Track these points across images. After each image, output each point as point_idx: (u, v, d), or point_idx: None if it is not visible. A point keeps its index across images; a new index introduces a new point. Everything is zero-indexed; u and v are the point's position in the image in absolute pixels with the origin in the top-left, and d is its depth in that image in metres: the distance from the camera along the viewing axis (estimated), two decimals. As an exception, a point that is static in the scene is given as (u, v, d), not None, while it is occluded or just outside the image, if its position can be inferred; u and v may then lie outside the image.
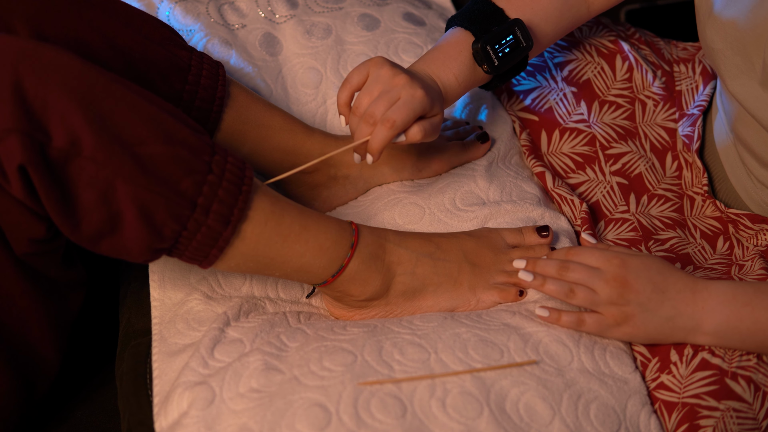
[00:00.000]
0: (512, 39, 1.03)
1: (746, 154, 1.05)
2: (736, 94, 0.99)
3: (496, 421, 0.83)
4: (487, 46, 1.01)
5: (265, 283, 1.01)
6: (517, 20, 1.03)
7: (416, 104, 0.93)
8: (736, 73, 0.98)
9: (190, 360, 0.90)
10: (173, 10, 1.19)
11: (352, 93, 0.97)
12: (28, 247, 0.87)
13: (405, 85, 0.93)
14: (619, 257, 0.91)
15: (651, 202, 1.11)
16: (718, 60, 1.00)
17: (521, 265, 0.95)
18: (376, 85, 0.94)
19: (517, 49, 1.03)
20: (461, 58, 1.02)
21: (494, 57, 1.02)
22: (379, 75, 0.94)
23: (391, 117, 0.92)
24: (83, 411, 1.08)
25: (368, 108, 0.93)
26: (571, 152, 1.14)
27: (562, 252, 0.95)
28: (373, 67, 0.95)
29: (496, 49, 1.02)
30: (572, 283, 0.91)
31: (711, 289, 0.90)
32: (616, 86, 1.18)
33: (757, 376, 0.89)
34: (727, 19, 0.97)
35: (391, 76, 0.94)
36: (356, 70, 0.96)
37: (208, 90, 1.00)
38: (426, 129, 0.95)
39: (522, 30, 1.03)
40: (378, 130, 0.92)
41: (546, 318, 0.90)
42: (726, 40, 0.98)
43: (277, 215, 0.88)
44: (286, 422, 0.82)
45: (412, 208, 1.08)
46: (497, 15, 1.04)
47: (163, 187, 0.80)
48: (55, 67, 0.78)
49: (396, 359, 0.87)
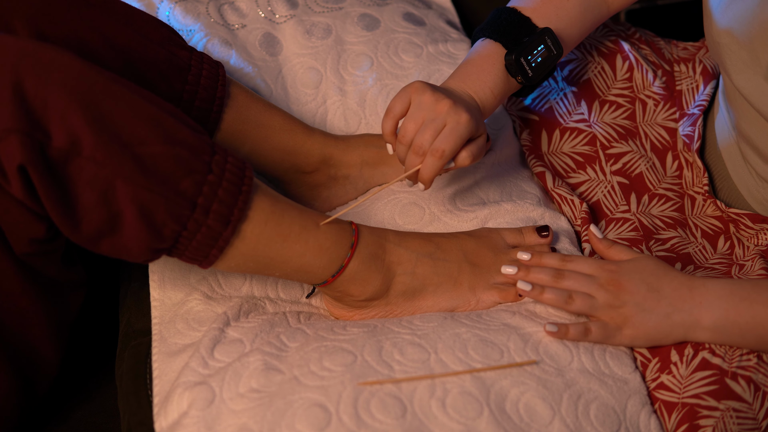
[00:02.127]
0: (543, 48, 1.03)
1: (750, 152, 1.05)
2: (741, 88, 0.99)
3: (496, 421, 0.83)
4: (521, 57, 1.01)
5: (265, 283, 1.01)
6: (547, 29, 1.03)
7: (463, 130, 0.93)
8: (741, 68, 0.98)
9: (190, 360, 0.90)
10: (173, 10, 1.19)
11: (397, 122, 0.97)
12: (28, 247, 0.87)
13: (449, 111, 0.93)
14: (612, 263, 0.93)
15: (652, 201, 1.11)
16: (723, 54, 1.00)
17: (510, 271, 0.95)
18: (420, 113, 0.94)
19: (549, 57, 1.04)
20: (495, 71, 1.02)
21: (528, 68, 1.02)
22: (421, 102, 0.94)
23: (440, 147, 0.92)
24: (83, 411, 1.08)
25: (415, 138, 0.94)
26: (572, 152, 1.14)
27: (554, 260, 0.95)
28: (414, 94, 0.95)
29: (529, 60, 1.02)
30: (569, 290, 0.91)
31: (708, 285, 0.91)
32: (617, 86, 1.18)
33: (757, 376, 0.89)
34: (734, 13, 0.98)
35: (434, 102, 0.93)
36: (398, 99, 0.96)
37: (208, 90, 1.00)
38: (474, 153, 0.96)
39: (552, 38, 1.03)
40: (428, 161, 0.93)
41: (555, 334, 0.90)
42: (733, 34, 0.98)
43: (277, 215, 0.88)
44: (286, 422, 0.82)
45: (412, 208, 1.08)
46: (525, 24, 1.04)
47: (163, 187, 0.80)
48: (55, 67, 0.78)
49: (396, 359, 0.87)
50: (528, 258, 0.96)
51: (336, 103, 1.19)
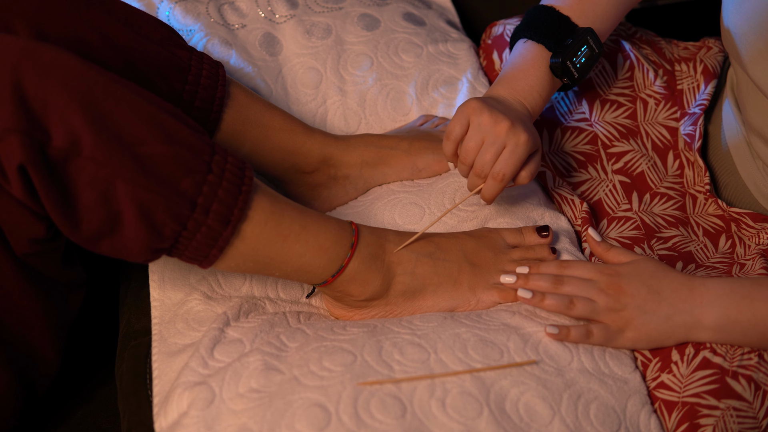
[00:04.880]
0: (587, 49, 1.05)
1: (761, 146, 1.04)
2: (756, 78, 0.99)
3: (495, 421, 0.83)
4: (566, 61, 1.03)
5: (265, 283, 1.01)
6: (589, 29, 1.05)
7: (522, 152, 0.95)
8: (758, 58, 0.99)
9: (189, 360, 0.90)
10: (173, 10, 1.19)
11: (457, 144, 0.99)
12: (28, 247, 0.87)
13: (508, 132, 0.95)
14: (611, 266, 0.93)
15: (653, 200, 1.11)
16: (739, 44, 1.01)
17: (509, 280, 0.95)
18: (479, 135, 0.96)
19: (591, 57, 1.05)
20: (540, 74, 1.03)
21: (573, 69, 1.04)
22: (480, 123, 0.96)
23: (501, 171, 0.96)
24: (83, 411, 1.08)
25: (476, 161, 0.96)
26: (573, 151, 1.14)
27: (553, 266, 0.96)
28: (473, 115, 0.96)
29: (574, 62, 1.04)
30: (569, 295, 0.91)
31: (708, 285, 0.91)
32: (618, 85, 1.18)
33: (758, 375, 0.89)
34: (751, 3, 0.98)
35: (493, 123, 0.95)
36: (456, 121, 0.97)
37: (208, 90, 1.00)
38: (532, 171, 0.98)
39: (594, 38, 1.05)
40: (489, 184, 0.97)
41: (556, 336, 0.90)
42: (750, 23, 0.98)
43: (277, 215, 0.88)
44: (285, 422, 0.82)
45: (412, 208, 1.08)
46: (565, 24, 1.05)
47: (163, 187, 0.80)
48: (55, 67, 0.78)
49: (396, 359, 0.87)
50: (526, 272, 0.96)
51: (336, 103, 1.19)
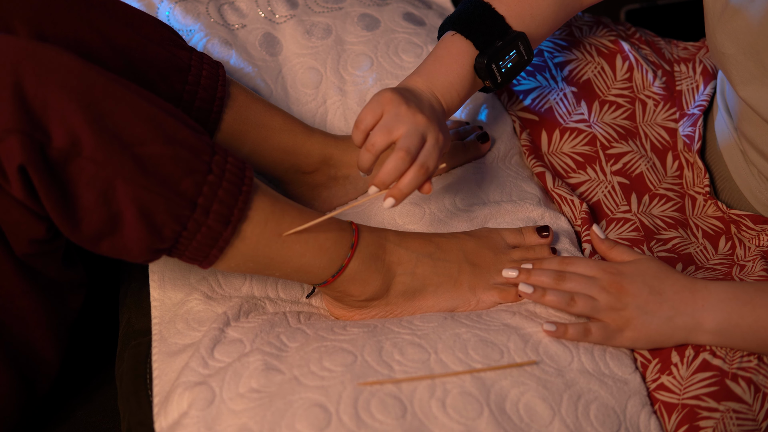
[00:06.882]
0: (515, 54, 1.01)
1: (753, 153, 1.04)
2: (747, 99, 0.98)
3: (496, 422, 0.83)
4: (492, 63, 0.99)
5: (265, 283, 1.01)
6: (521, 34, 1.01)
7: (443, 146, 0.92)
8: (748, 79, 0.97)
9: (190, 360, 0.90)
10: (173, 10, 1.19)
11: (367, 134, 0.93)
12: (28, 247, 0.87)
13: (428, 125, 0.91)
14: (613, 265, 0.93)
15: (652, 201, 1.11)
16: (729, 65, 0.99)
17: (512, 274, 0.95)
18: (398, 125, 0.90)
19: (519, 63, 1.02)
20: (463, 72, 0.99)
21: (497, 74, 1.00)
22: (399, 113, 0.90)
23: (426, 163, 0.90)
24: (83, 411, 1.08)
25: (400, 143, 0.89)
26: (572, 152, 1.14)
27: (555, 262, 0.95)
28: (388, 105, 0.91)
29: (500, 66, 1.00)
30: (571, 292, 0.91)
31: (710, 288, 0.90)
32: (617, 86, 1.18)
33: (757, 378, 0.89)
34: (739, 23, 0.96)
35: (412, 114, 0.90)
36: (370, 111, 0.91)
37: (208, 90, 1.00)
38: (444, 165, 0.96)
39: (525, 44, 1.01)
40: (414, 175, 0.89)
41: (553, 333, 0.90)
42: (738, 45, 0.97)
43: (277, 215, 0.88)
44: (286, 422, 0.82)
45: (412, 208, 1.08)
46: (498, 24, 1.01)
47: (163, 187, 0.80)
48: (55, 67, 0.78)
49: (396, 359, 0.87)
50: (530, 267, 0.95)
51: (336, 103, 1.20)
